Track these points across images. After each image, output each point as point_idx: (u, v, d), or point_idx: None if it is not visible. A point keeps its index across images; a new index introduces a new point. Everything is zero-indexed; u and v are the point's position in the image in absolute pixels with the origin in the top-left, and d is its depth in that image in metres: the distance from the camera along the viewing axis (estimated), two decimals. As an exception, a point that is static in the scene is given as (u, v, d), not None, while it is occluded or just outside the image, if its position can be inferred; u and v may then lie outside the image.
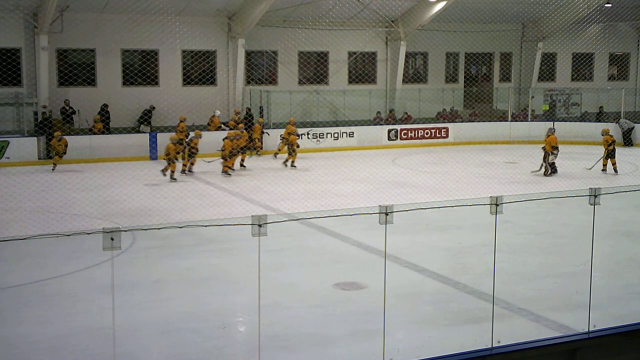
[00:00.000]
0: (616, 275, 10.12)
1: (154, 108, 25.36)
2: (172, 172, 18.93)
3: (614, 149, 20.27)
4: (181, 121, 22.52)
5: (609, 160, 20.32)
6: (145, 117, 25.04)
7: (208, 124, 25.20)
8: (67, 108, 23.83)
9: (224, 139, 20.05)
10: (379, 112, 28.99)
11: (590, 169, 20.62)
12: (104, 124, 24.05)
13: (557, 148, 19.82)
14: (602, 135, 20.65)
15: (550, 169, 19.86)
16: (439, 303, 8.94)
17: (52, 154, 21.24)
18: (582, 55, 33.79)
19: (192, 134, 20.99)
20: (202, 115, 25.73)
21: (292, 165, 21.32)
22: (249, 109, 25.88)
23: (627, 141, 27.23)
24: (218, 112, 25.51)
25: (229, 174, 19.65)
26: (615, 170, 20.16)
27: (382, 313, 6.56)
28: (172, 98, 25.52)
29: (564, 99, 32.47)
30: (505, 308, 8.41)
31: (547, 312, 8.44)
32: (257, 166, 21.77)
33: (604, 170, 20.38)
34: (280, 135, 23.52)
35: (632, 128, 27.32)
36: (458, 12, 27.87)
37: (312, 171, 20.00)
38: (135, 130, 24.86)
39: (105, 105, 24.48)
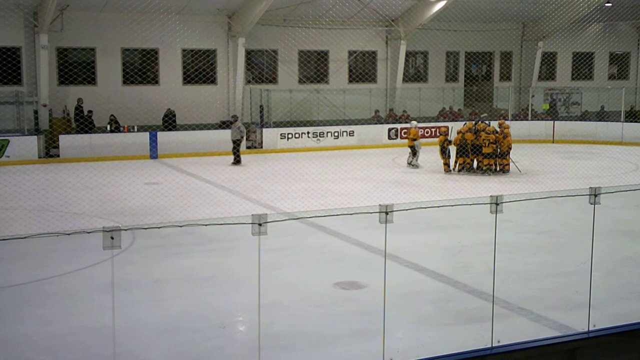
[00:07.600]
0: (616, 274, 10.11)
1: (172, 112, 25.44)
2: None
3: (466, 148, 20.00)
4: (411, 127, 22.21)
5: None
6: (167, 122, 25.16)
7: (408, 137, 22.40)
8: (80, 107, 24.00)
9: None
10: (377, 111, 28.98)
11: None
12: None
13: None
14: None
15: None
16: (439, 303, 8.94)
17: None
18: (582, 54, 33.80)
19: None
20: (203, 115, 25.73)
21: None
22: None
23: None
24: (415, 123, 22.37)
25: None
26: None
27: (382, 312, 6.56)
28: (172, 97, 25.55)
29: (564, 98, 32.49)
30: (505, 308, 8.41)
31: (547, 311, 8.43)
32: (258, 166, 21.78)
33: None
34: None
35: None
36: (458, 11, 27.88)
37: (312, 170, 19.98)
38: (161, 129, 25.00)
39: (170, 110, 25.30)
